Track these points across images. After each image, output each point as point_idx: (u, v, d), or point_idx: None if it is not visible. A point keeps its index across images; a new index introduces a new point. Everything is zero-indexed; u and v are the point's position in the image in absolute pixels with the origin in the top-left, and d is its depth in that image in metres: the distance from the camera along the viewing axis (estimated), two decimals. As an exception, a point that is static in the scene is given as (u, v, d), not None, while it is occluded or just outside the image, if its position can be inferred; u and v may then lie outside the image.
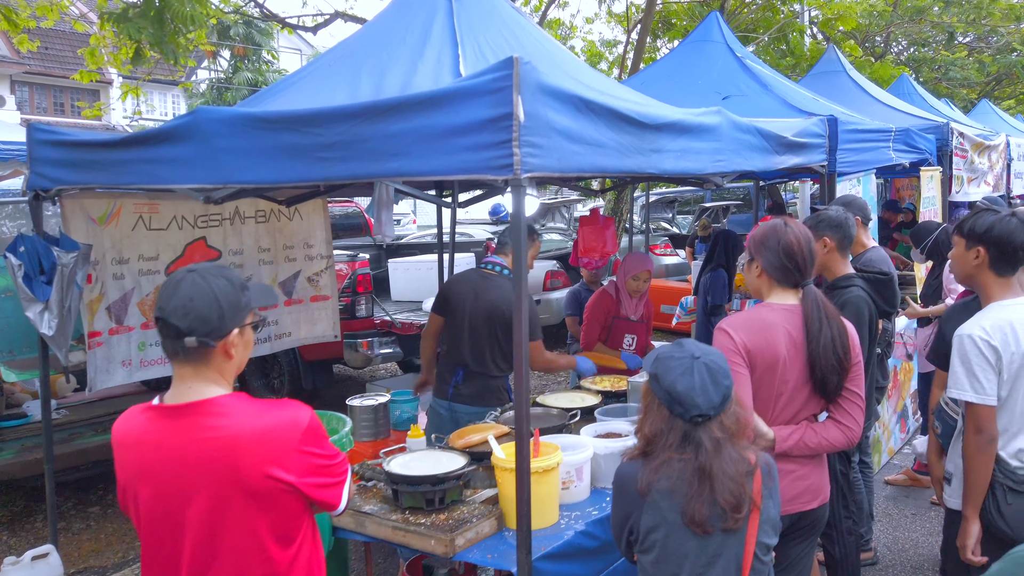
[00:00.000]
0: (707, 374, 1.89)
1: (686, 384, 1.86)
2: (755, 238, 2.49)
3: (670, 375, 1.87)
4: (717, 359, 1.95)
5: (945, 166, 6.38)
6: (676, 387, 1.86)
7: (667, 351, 1.95)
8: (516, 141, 2.09)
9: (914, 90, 9.62)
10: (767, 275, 2.48)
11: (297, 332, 4.85)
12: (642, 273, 4.59)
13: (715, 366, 1.91)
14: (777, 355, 2.40)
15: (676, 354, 1.92)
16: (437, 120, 2.21)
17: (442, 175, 2.23)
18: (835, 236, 3.21)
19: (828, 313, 2.42)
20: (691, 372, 1.88)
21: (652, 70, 6.04)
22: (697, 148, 2.94)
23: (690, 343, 1.96)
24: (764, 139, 3.44)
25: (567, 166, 2.28)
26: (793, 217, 2.82)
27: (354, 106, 2.38)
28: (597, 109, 2.39)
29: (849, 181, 4.53)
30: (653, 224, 13.69)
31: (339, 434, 2.94)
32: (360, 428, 4.51)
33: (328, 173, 2.45)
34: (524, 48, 3.30)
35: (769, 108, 4.74)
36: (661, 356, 1.93)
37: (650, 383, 1.93)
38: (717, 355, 1.97)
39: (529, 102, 2.12)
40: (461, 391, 4.12)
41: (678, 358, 1.91)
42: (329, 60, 3.40)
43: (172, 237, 4.14)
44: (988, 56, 18.58)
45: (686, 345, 1.95)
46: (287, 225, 4.74)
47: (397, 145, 2.29)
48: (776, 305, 2.48)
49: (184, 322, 1.63)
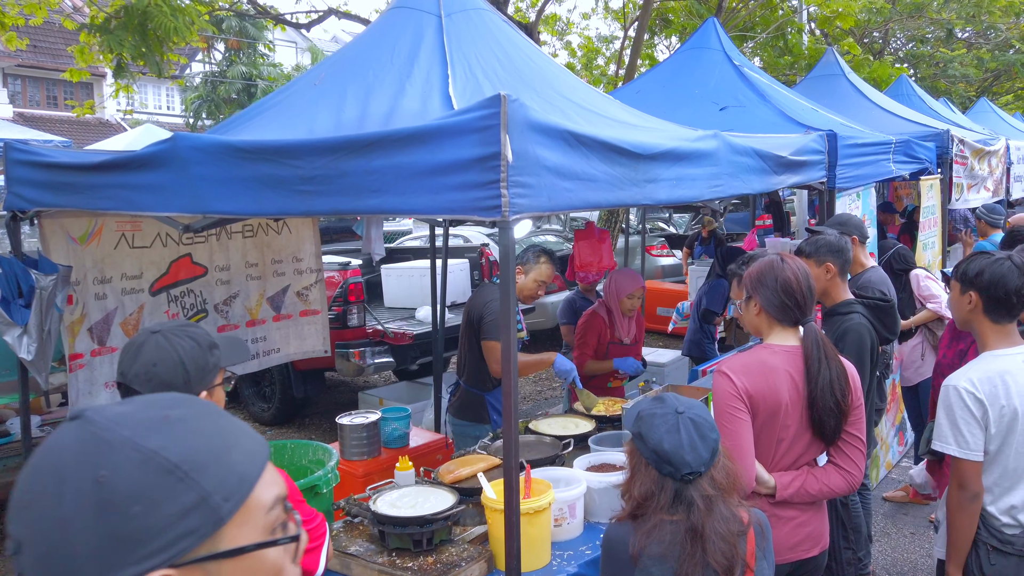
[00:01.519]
0: (693, 430, 1.81)
1: (673, 442, 1.78)
2: (752, 276, 2.41)
3: (655, 433, 1.79)
4: (701, 412, 1.87)
5: (945, 173, 6.30)
6: (663, 446, 1.78)
7: (649, 408, 1.87)
8: (504, 182, 2.00)
9: (913, 91, 9.53)
10: (766, 314, 2.40)
11: (286, 348, 4.76)
12: (636, 291, 4.51)
13: (700, 420, 1.84)
14: (779, 400, 2.32)
15: (659, 411, 1.84)
16: (420, 158, 2.11)
17: (426, 214, 2.13)
18: (837, 262, 3.14)
19: (828, 353, 2.34)
20: (677, 429, 1.80)
21: (648, 77, 5.93)
22: (693, 175, 2.85)
23: (671, 397, 1.88)
24: (762, 160, 3.35)
25: (557, 204, 2.19)
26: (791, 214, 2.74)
27: (334, 140, 2.28)
28: (588, 142, 2.30)
29: (849, 196, 4.45)
30: (649, 224, 13.59)
31: (324, 469, 2.85)
32: (351, 447, 4.43)
33: (307, 207, 2.36)
34: (515, 66, 3.21)
35: (767, 120, 4.65)
36: (644, 414, 1.85)
37: (635, 443, 1.85)
38: (700, 408, 1.89)
39: (517, 140, 2.02)
40: (452, 403, 4.28)
41: (661, 415, 1.83)
42: (314, 78, 3.30)
43: (156, 255, 4.04)
44: (987, 52, 18.48)
45: (667, 400, 1.87)
46: (275, 239, 4.64)
47: (379, 181, 2.20)
48: (777, 347, 2.40)
49: (147, 388, 1.54)
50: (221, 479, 0.76)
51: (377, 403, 6.35)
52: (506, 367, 2.12)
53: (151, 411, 0.78)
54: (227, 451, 0.78)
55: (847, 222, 4.07)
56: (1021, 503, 2.35)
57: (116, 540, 0.71)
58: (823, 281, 3.17)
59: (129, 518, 0.71)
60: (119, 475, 0.72)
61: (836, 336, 3.13)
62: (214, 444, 0.77)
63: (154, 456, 0.73)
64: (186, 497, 0.73)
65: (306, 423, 7.07)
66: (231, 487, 0.76)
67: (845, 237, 3.18)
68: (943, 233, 6.44)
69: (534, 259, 3.97)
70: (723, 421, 2.30)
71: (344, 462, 4.42)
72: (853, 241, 3.98)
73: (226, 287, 4.39)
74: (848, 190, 4.37)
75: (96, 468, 0.72)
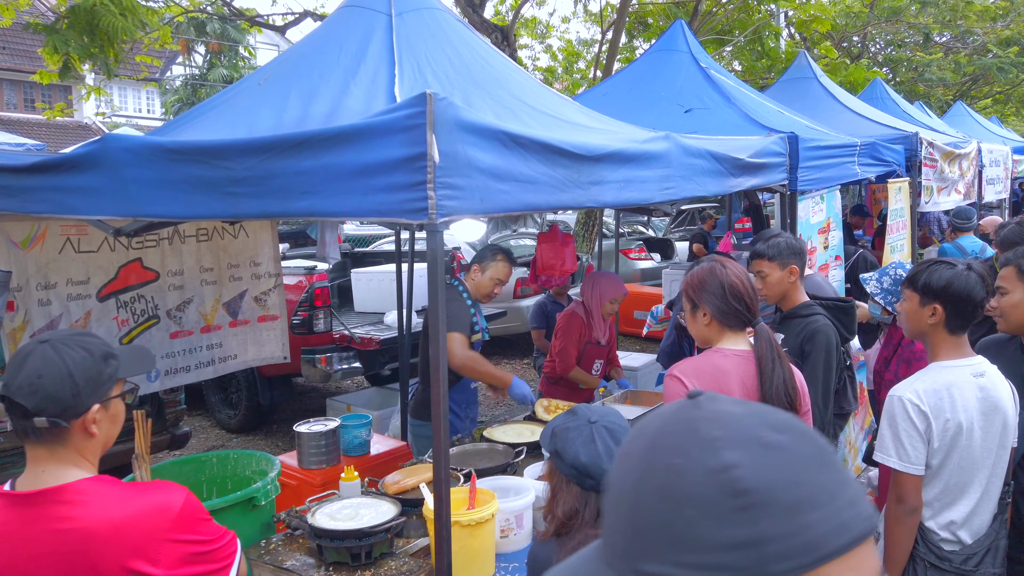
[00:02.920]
0: (609, 438, 1.75)
1: (590, 453, 1.71)
2: (693, 284, 2.35)
3: (571, 448, 1.73)
4: (614, 419, 1.81)
5: (914, 176, 6.29)
6: (580, 459, 1.71)
7: (561, 423, 1.81)
8: (431, 183, 1.93)
9: (887, 95, 9.56)
10: (716, 321, 2.34)
11: (243, 355, 4.66)
12: (619, 296, 4.53)
13: (615, 427, 1.78)
14: None
15: (571, 424, 1.78)
16: (348, 158, 2.04)
17: (355, 216, 2.06)
18: (799, 263, 3.10)
19: (779, 354, 2.28)
20: (592, 440, 1.74)
21: (616, 80, 5.89)
22: (643, 177, 2.79)
23: (582, 409, 1.83)
24: (717, 162, 3.30)
25: (492, 206, 2.12)
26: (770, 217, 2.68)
27: (263, 140, 2.20)
28: (526, 143, 2.23)
29: (812, 199, 4.41)
30: (628, 227, 13.56)
31: (265, 479, 2.76)
32: (308, 455, 4.33)
33: (237, 210, 2.28)
34: (467, 67, 3.14)
35: (730, 123, 4.61)
36: (557, 430, 1.79)
37: (553, 462, 1.78)
38: (613, 414, 1.83)
39: (446, 141, 1.95)
40: (412, 404, 4.29)
41: (575, 427, 1.77)
42: (260, 79, 3.22)
43: (104, 259, 3.93)
44: (964, 57, 18.63)
45: (579, 412, 1.81)
46: (231, 243, 4.55)
47: (307, 183, 2.12)
48: (729, 351, 2.34)
49: (31, 401, 1.45)
50: (787, 532, 0.64)
51: (345, 409, 6.26)
52: (435, 376, 2.05)
53: (755, 422, 0.70)
54: (812, 505, 0.65)
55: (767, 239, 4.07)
56: (961, 519, 2.30)
57: (662, 529, 0.66)
58: (785, 284, 3.13)
59: (681, 517, 0.66)
60: (687, 472, 0.67)
61: (804, 338, 3.08)
62: (801, 490, 0.65)
63: (726, 470, 0.65)
64: (737, 531, 0.64)
65: (273, 430, 6.96)
66: (794, 548, 0.63)
67: (800, 239, 3.15)
68: (912, 236, 6.44)
69: (491, 257, 3.90)
70: None
71: (302, 471, 4.33)
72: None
73: (179, 292, 4.29)
74: (810, 193, 4.34)
75: (674, 453, 0.69)
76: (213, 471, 3.04)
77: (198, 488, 3.05)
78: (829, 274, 4.66)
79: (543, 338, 5.63)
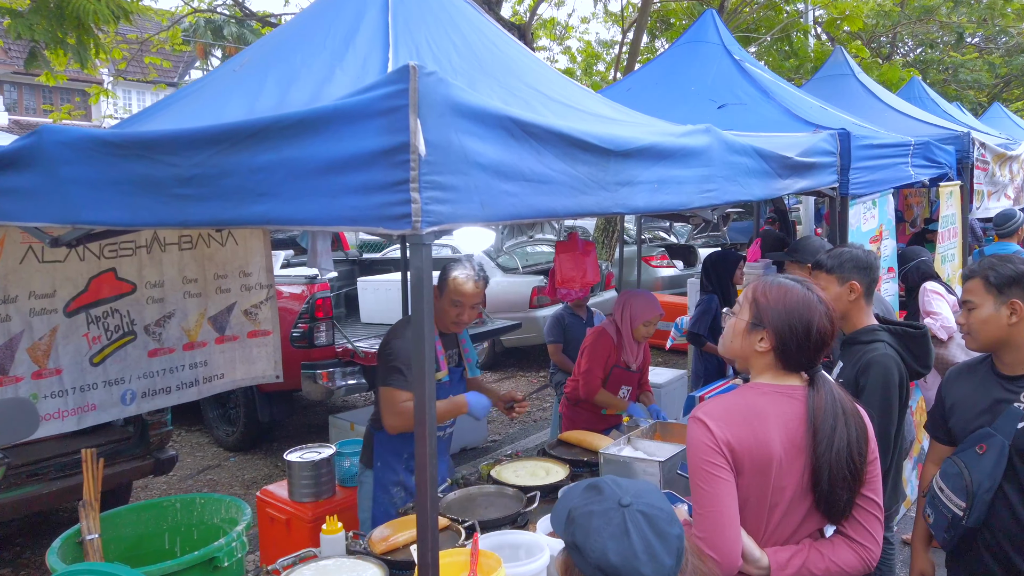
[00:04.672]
0: (648, 528, 1.28)
1: (623, 551, 1.25)
2: (774, 305, 1.85)
3: (597, 542, 1.26)
4: (652, 498, 1.34)
5: (965, 180, 5.78)
6: (609, 558, 1.25)
7: (581, 503, 1.33)
8: (415, 182, 1.49)
9: (926, 94, 9.03)
10: (775, 355, 1.88)
11: (232, 374, 4.25)
12: (654, 318, 4.06)
13: (655, 511, 1.31)
14: (770, 455, 1.80)
15: (596, 507, 1.31)
16: (313, 151, 1.61)
17: (322, 225, 1.63)
18: (864, 281, 2.63)
19: (846, 408, 1.82)
20: (626, 531, 1.27)
21: (640, 75, 5.43)
22: (680, 177, 2.34)
23: (609, 484, 1.35)
24: (764, 161, 2.84)
25: (496, 212, 1.68)
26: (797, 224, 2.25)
27: (212, 129, 1.78)
28: (540, 133, 1.79)
29: (863, 204, 3.93)
30: (649, 233, 13.07)
31: (231, 535, 2.33)
32: (299, 487, 3.94)
33: (185, 216, 1.86)
34: (474, 53, 2.71)
35: (770, 119, 4.14)
36: (577, 514, 1.31)
37: (570, 557, 1.32)
38: (650, 492, 1.36)
39: (435, 127, 1.52)
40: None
41: (601, 512, 1.30)
42: (236, 64, 2.81)
43: (72, 270, 3.54)
44: (998, 58, 17.95)
45: (605, 489, 1.33)
46: (218, 251, 4.14)
47: (265, 182, 1.69)
48: (766, 387, 1.87)
49: None
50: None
51: (348, 428, 5.85)
52: (420, 416, 1.61)
53: None
54: None
55: (803, 247, 3.61)
56: None
57: None
58: (844, 302, 2.66)
59: None
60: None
61: (858, 369, 2.62)
62: None
63: None
64: None
65: (273, 448, 6.55)
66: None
67: (873, 252, 2.68)
68: (964, 245, 5.92)
69: (444, 275, 3.11)
70: (698, 480, 1.79)
71: (293, 504, 3.93)
72: (809, 269, 3.52)
73: (159, 306, 3.89)
74: (862, 197, 3.86)
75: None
76: (176, 518, 2.63)
77: (158, 538, 2.64)
78: (881, 287, 4.17)
79: (560, 353, 5.19)
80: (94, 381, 3.65)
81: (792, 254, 3.64)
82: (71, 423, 3.57)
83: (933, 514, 2.43)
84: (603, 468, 2.89)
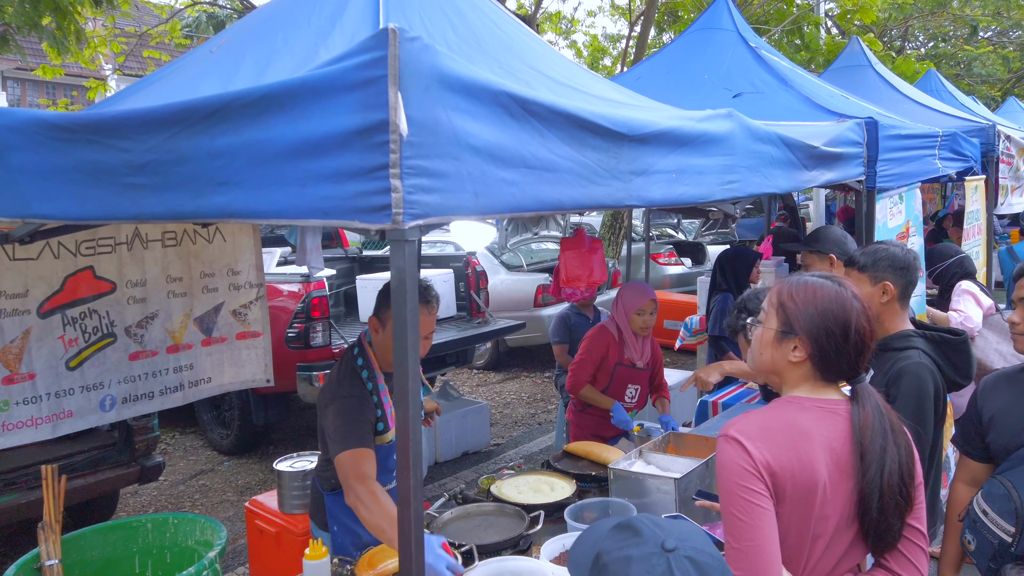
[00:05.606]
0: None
1: None
2: (804, 308, 1.61)
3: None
4: (700, 542, 1.11)
5: (990, 174, 5.53)
6: None
7: (615, 546, 1.09)
8: (396, 167, 1.26)
9: (943, 87, 8.77)
10: (812, 364, 1.64)
11: (219, 377, 4.03)
12: (646, 305, 3.79)
13: (704, 558, 1.08)
14: (815, 479, 1.57)
15: (634, 551, 1.08)
16: (278, 132, 1.38)
17: (290, 219, 1.40)
18: (899, 282, 2.39)
19: (894, 425, 1.58)
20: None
21: (650, 63, 5.19)
22: (699, 166, 2.10)
23: (647, 524, 1.12)
24: (790, 150, 2.60)
25: (492, 204, 1.45)
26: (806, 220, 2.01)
27: (167, 108, 1.55)
28: (542, 113, 1.55)
29: (890, 198, 3.68)
30: (656, 230, 12.82)
31: (202, 562, 2.11)
32: (290, 498, 3.73)
33: (139, 208, 1.63)
34: (473, 32, 2.48)
35: (789, 108, 3.90)
36: (609, 560, 1.08)
37: None
38: (696, 535, 1.13)
39: (420, 103, 1.29)
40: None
41: (641, 558, 1.07)
42: (214, 45, 2.58)
43: (45, 268, 3.32)
44: (1012, 52, 17.62)
45: (644, 530, 1.10)
46: (205, 249, 3.92)
47: (226, 170, 1.47)
48: (808, 401, 1.64)
49: None
50: None
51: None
52: (403, 443, 1.39)
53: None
54: None
55: (824, 237, 3.38)
56: None
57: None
58: (875, 304, 2.42)
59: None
60: None
61: (888, 379, 2.38)
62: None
63: None
64: None
65: (269, 452, 6.35)
66: None
67: (913, 251, 2.44)
68: (988, 241, 5.67)
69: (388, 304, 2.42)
70: (734, 508, 1.55)
71: (283, 516, 3.71)
72: (830, 260, 3.27)
73: (141, 306, 3.67)
74: (889, 191, 3.61)
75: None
76: (147, 540, 2.42)
77: (127, 562, 2.42)
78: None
79: (566, 354, 4.96)
80: (70, 386, 3.43)
81: (811, 243, 3.39)
82: (45, 431, 3.36)
83: (975, 540, 2.20)
84: (613, 485, 2.66)
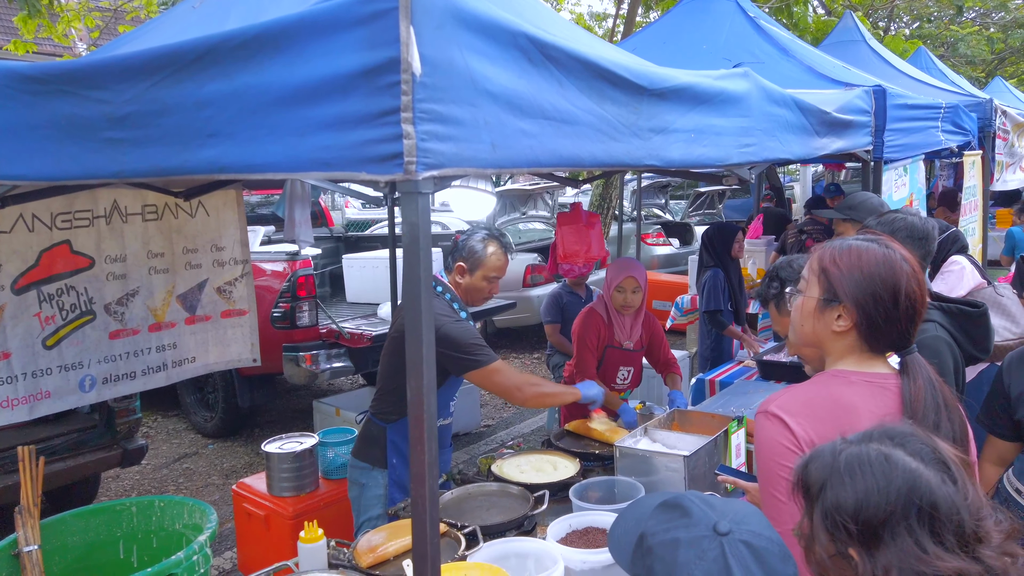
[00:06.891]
0: (755, 565, 0.95)
1: None
2: (849, 272, 1.48)
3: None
4: (757, 524, 1.01)
5: (987, 149, 5.47)
6: None
7: (661, 527, 0.99)
8: (408, 111, 1.14)
9: (934, 64, 8.70)
10: (859, 333, 1.52)
11: (204, 357, 3.89)
12: (626, 281, 3.48)
13: (763, 543, 0.98)
14: None
15: (683, 533, 0.97)
16: (273, 76, 1.25)
17: (286, 172, 1.27)
18: (917, 252, 2.30)
19: (948, 401, 1.48)
20: (726, 570, 0.94)
21: (646, 34, 5.06)
22: (717, 127, 1.99)
23: (697, 502, 1.01)
24: (804, 115, 2.50)
25: (510, 156, 1.33)
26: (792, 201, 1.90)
27: (149, 53, 1.41)
28: (562, 59, 1.43)
29: (895, 169, 3.60)
30: (644, 211, 12.73)
31: (191, 546, 1.99)
32: (279, 480, 3.60)
33: (119, 165, 1.49)
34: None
35: (791, 78, 3.78)
36: (655, 542, 0.98)
37: None
38: (751, 514, 1.03)
39: (434, 40, 1.16)
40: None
41: (691, 541, 0.96)
42: (195, 1, 2.42)
43: (20, 242, 3.16)
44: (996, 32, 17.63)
45: (694, 510, 1.00)
46: (187, 223, 3.77)
47: (215, 120, 1.33)
48: (854, 375, 1.53)
49: None
50: None
51: (333, 414, 5.51)
52: (416, 411, 1.27)
53: None
54: None
55: (860, 204, 3.19)
56: None
57: None
58: None
59: None
60: None
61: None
62: None
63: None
64: None
65: (255, 435, 6.20)
66: None
67: (931, 220, 2.35)
68: (984, 218, 5.62)
69: (480, 248, 2.76)
70: (774, 490, 1.45)
71: (272, 499, 3.59)
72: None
73: (121, 282, 3.52)
74: (895, 162, 3.53)
75: None
76: (132, 524, 2.29)
77: (111, 547, 2.29)
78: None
79: (558, 333, 4.84)
80: (48, 366, 3.29)
81: (847, 211, 3.21)
82: (22, 412, 3.21)
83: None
84: (619, 463, 2.56)
